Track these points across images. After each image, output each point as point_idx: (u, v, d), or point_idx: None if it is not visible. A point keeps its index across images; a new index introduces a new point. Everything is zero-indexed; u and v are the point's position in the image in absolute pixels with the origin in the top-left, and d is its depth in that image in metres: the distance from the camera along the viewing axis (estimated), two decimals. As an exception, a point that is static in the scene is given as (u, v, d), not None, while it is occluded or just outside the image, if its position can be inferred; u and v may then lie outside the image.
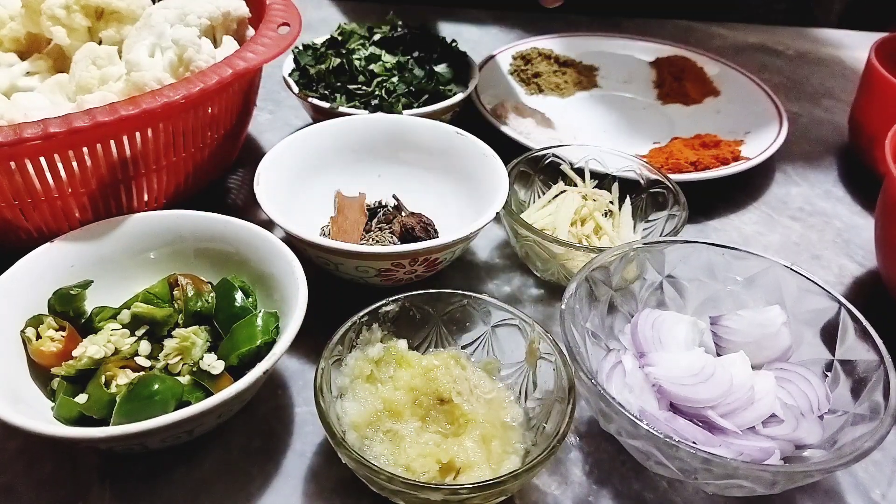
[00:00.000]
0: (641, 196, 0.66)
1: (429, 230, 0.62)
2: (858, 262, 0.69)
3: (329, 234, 0.62)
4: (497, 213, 0.56)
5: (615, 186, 0.67)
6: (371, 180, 0.67)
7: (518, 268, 0.65)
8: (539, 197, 0.68)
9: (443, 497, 0.40)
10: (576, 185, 0.67)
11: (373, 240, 0.61)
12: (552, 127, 0.84)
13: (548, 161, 0.67)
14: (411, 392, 0.47)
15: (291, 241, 0.54)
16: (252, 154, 0.77)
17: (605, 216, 0.65)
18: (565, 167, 0.68)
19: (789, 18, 1.21)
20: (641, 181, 0.66)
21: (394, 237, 0.61)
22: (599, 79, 0.97)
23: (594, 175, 0.68)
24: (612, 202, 0.67)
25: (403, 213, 0.64)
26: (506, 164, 0.62)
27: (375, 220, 0.64)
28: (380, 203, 0.66)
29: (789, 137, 0.81)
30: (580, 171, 0.68)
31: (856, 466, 0.49)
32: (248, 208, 0.71)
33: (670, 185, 0.63)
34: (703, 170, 0.74)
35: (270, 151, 0.61)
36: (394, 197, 0.66)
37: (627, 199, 0.66)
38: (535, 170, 0.67)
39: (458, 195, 0.65)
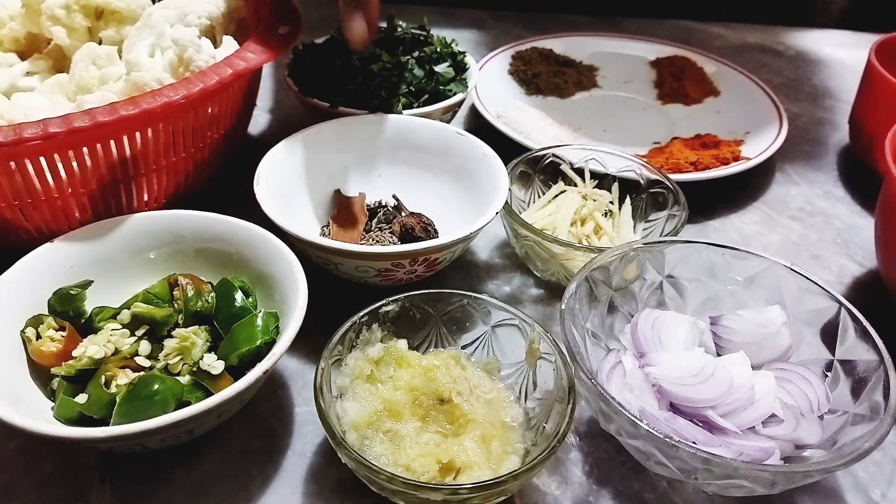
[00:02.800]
0: (641, 196, 0.66)
1: (429, 230, 0.62)
2: (858, 262, 0.69)
3: (329, 234, 0.62)
4: (497, 213, 0.56)
5: (615, 186, 0.67)
6: (371, 180, 0.68)
7: (518, 268, 0.65)
8: (539, 197, 0.68)
9: (443, 497, 0.40)
10: (575, 185, 0.67)
11: (373, 240, 0.61)
12: (552, 127, 0.84)
13: (548, 161, 0.67)
14: (411, 392, 0.47)
15: (291, 241, 0.54)
16: (252, 154, 0.77)
17: (605, 216, 0.65)
18: (565, 167, 0.68)
19: (786, 18, 1.21)
20: (641, 181, 0.66)
21: (394, 237, 0.61)
22: (599, 79, 0.97)
23: (594, 175, 0.68)
24: (611, 202, 0.67)
25: (403, 213, 0.64)
26: (506, 164, 0.62)
27: (375, 219, 0.64)
28: (380, 203, 0.66)
29: (789, 137, 0.81)
30: (580, 171, 0.68)
31: (856, 466, 0.49)
32: (248, 208, 0.70)
33: (670, 185, 0.63)
34: (703, 170, 0.74)
35: (270, 151, 0.61)
36: (394, 197, 0.66)
37: (627, 199, 0.66)
38: (535, 170, 0.67)
39: (459, 195, 0.65)
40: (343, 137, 0.67)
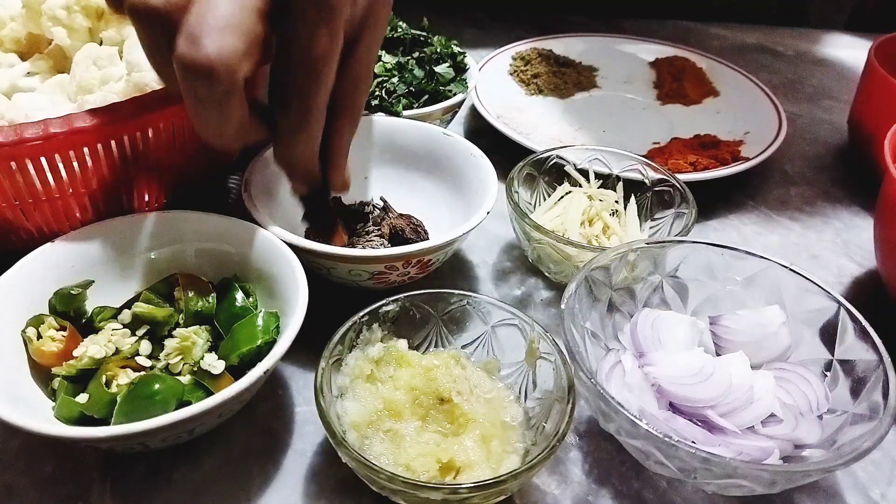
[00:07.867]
0: (646, 195, 0.66)
1: (419, 231, 0.61)
2: (857, 263, 0.69)
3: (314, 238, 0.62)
4: (488, 212, 0.56)
5: (619, 186, 0.67)
6: (358, 183, 0.67)
7: (523, 270, 0.65)
8: (544, 199, 0.67)
9: (443, 496, 0.40)
10: (580, 186, 0.67)
11: (361, 243, 0.61)
12: (552, 127, 0.84)
13: (552, 162, 0.67)
14: (411, 392, 0.47)
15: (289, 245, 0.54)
16: (252, 153, 0.77)
17: (612, 216, 0.65)
18: (570, 168, 0.68)
19: (786, 18, 1.21)
20: (646, 181, 0.66)
21: (383, 240, 0.61)
22: (599, 79, 0.97)
23: (598, 175, 0.68)
24: (617, 201, 0.66)
25: (391, 215, 0.64)
26: (508, 165, 0.62)
27: (362, 223, 0.63)
28: (367, 205, 0.66)
29: (789, 138, 0.81)
30: (584, 172, 0.68)
31: (855, 466, 0.49)
32: (248, 208, 0.70)
33: (677, 184, 0.63)
34: (703, 170, 0.74)
35: (257, 156, 0.61)
36: (381, 199, 0.66)
37: (632, 198, 0.66)
38: (540, 171, 0.67)
39: (447, 196, 0.65)
40: None
